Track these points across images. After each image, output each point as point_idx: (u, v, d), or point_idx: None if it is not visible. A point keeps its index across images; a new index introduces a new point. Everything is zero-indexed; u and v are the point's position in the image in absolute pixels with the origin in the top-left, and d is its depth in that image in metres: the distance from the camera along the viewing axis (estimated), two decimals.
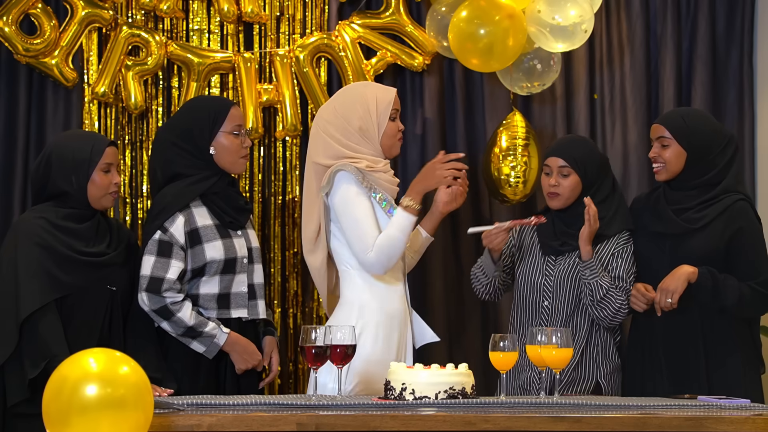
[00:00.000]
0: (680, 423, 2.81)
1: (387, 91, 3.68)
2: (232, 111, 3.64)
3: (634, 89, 4.90)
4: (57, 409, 2.38)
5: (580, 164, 3.74)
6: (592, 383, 3.68)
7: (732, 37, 4.97)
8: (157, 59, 4.47)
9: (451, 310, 4.69)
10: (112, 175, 3.49)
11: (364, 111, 3.60)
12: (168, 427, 2.62)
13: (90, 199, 3.46)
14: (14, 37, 4.37)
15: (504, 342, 3.05)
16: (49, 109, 4.48)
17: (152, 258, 3.46)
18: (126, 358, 2.47)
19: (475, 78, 4.77)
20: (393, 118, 3.63)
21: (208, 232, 3.52)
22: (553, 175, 3.76)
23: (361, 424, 2.70)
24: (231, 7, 4.51)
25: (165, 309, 3.43)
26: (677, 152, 3.72)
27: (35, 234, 3.36)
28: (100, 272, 3.43)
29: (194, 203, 3.54)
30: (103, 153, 3.47)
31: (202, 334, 3.46)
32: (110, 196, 3.49)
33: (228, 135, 3.60)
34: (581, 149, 3.79)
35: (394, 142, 3.65)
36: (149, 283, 3.43)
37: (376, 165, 3.58)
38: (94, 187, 3.46)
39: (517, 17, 4.36)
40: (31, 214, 3.46)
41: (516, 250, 3.88)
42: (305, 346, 2.92)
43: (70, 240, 3.39)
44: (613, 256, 3.70)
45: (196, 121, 3.61)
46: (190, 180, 3.56)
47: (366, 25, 4.64)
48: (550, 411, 2.86)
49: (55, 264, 3.34)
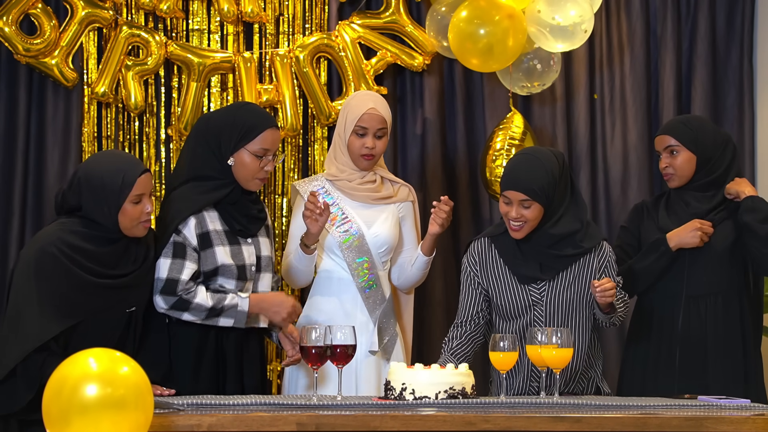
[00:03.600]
0: (680, 423, 2.81)
1: (361, 105, 3.80)
2: (267, 132, 3.52)
3: (634, 89, 4.90)
4: (57, 409, 2.38)
5: (541, 194, 3.45)
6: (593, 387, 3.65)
7: (732, 37, 4.97)
8: (157, 59, 4.47)
9: (451, 310, 4.69)
10: (143, 204, 3.29)
11: (342, 117, 3.85)
12: (168, 427, 2.62)
13: (122, 228, 3.29)
14: (14, 37, 4.37)
15: (504, 342, 3.05)
16: (49, 109, 4.48)
17: (168, 260, 3.42)
18: (126, 358, 2.47)
19: (475, 78, 4.77)
20: (361, 135, 3.78)
21: (218, 237, 3.50)
22: (514, 206, 3.47)
23: (361, 424, 2.70)
24: (231, 7, 4.51)
25: (180, 301, 3.40)
26: (687, 158, 3.76)
27: (55, 257, 3.18)
28: (119, 295, 3.31)
29: (207, 208, 3.52)
30: (134, 184, 3.26)
31: (224, 309, 3.43)
32: (142, 226, 3.31)
33: (251, 154, 3.51)
34: (540, 176, 3.46)
35: (357, 157, 3.81)
36: (165, 285, 3.40)
37: (340, 174, 3.82)
38: (125, 218, 3.27)
39: (517, 17, 4.36)
40: (55, 232, 3.25)
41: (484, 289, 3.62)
42: (305, 346, 2.92)
43: (91, 264, 3.23)
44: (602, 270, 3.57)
45: (229, 127, 3.52)
46: (206, 187, 3.50)
47: (366, 25, 4.64)
48: (550, 411, 2.86)
49: (73, 289, 3.20)
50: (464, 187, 4.76)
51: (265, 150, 3.51)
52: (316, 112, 4.58)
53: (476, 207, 4.78)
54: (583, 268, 3.55)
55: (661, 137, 3.83)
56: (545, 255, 3.52)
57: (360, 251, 3.77)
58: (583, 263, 3.55)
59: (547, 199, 3.47)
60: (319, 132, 4.62)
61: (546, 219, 3.50)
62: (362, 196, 3.83)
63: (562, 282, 3.53)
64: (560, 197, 3.51)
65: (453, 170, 4.77)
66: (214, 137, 3.52)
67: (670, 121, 3.99)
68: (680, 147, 3.76)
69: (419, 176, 4.71)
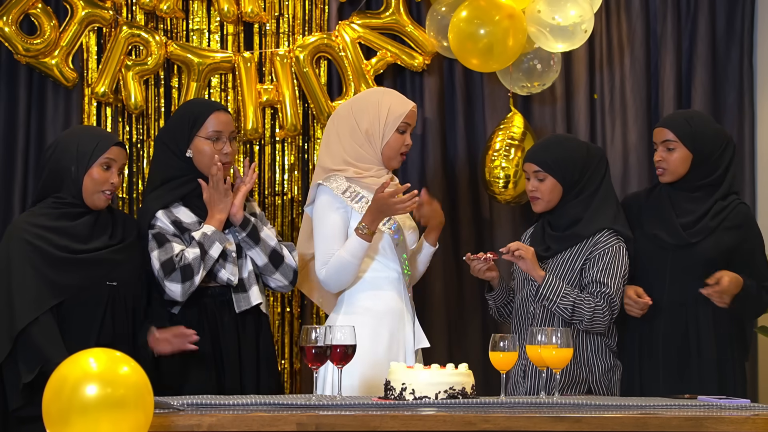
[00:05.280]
0: (680, 423, 2.81)
1: (403, 103, 3.71)
2: (213, 116, 3.59)
3: (634, 89, 4.90)
4: (57, 409, 2.37)
5: (555, 167, 3.68)
6: (584, 388, 3.64)
7: (732, 37, 4.97)
8: (157, 59, 4.47)
9: (451, 310, 4.70)
10: (111, 173, 3.42)
11: (374, 115, 3.66)
12: (168, 427, 2.62)
13: (84, 192, 3.39)
14: (14, 37, 4.37)
15: (504, 342, 3.05)
16: (49, 109, 4.48)
17: (155, 251, 3.48)
18: (126, 358, 2.46)
19: (475, 78, 4.77)
20: (402, 131, 3.68)
21: (192, 226, 3.54)
22: (531, 179, 3.73)
23: (361, 424, 2.70)
24: (231, 7, 4.51)
25: (182, 270, 3.44)
26: (683, 155, 3.71)
27: (26, 240, 3.31)
28: (97, 269, 3.38)
29: (174, 205, 3.56)
30: (107, 149, 3.41)
31: (203, 243, 3.47)
32: (102, 195, 3.41)
33: (204, 140, 3.57)
34: (556, 151, 3.71)
35: (396, 155, 3.70)
36: (164, 269, 3.45)
37: (367, 172, 3.64)
38: (89, 181, 3.39)
39: (517, 17, 4.36)
40: (23, 218, 3.42)
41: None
42: (305, 346, 2.92)
43: (64, 240, 3.34)
44: (589, 261, 3.62)
45: (179, 123, 3.63)
46: (171, 185, 3.58)
47: (366, 25, 4.64)
48: (550, 411, 2.86)
49: (49, 268, 3.30)
50: (464, 187, 4.76)
51: (217, 132, 3.59)
52: (316, 112, 4.58)
53: (476, 207, 4.78)
54: (574, 253, 3.65)
55: (660, 129, 3.77)
56: (549, 235, 3.72)
57: (403, 248, 3.70)
58: (579, 249, 3.65)
59: (564, 178, 3.66)
60: (319, 132, 4.62)
61: (564, 201, 3.69)
62: None
63: (556, 263, 3.67)
64: (581, 183, 3.68)
65: (453, 170, 4.77)
66: (169, 137, 3.63)
67: (673, 115, 3.96)
68: (678, 144, 3.71)
69: (419, 176, 4.71)
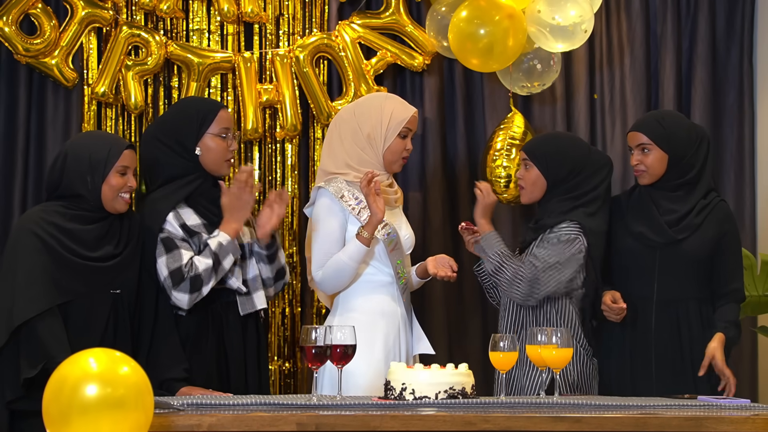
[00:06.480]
0: (680, 423, 2.81)
1: (405, 108, 3.77)
2: (221, 113, 3.62)
3: (634, 89, 4.90)
4: (57, 409, 2.37)
5: (541, 159, 3.76)
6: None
7: (732, 37, 4.97)
8: (157, 59, 4.47)
9: (451, 310, 4.70)
10: (128, 177, 3.42)
11: (376, 120, 3.72)
12: (168, 427, 2.62)
13: (103, 200, 3.39)
14: (14, 37, 4.37)
15: (504, 342, 3.05)
16: (49, 109, 4.48)
17: (164, 257, 3.45)
18: (126, 358, 2.46)
19: (475, 78, 4.77)
20: (404, 136, 3.74)
21: (199, 228, 3.52)
22: (520, 167, 3.86)
23: (361, 424, 2.70)
24: (231, 7, 4.51)
25: (192, 281, 3.43)
26: (659, 157, 3.74)
27: (37, 235, 3.30)
28: (103, 277, 3.37)
29: (180, 206, 3.55)
30: (120, 155, 3.39)
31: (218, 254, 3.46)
32: (122, 199, 3.40)
33: (214, 137, 3.58)
34: (547, 145, 3.83)
35: (397, 159, 3.75)
36: (172, 278, 3.43)
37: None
38: (108, 189, 3.37)
39: (517, 17, 4.36)
40: (38, 212, 3.39)
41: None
42: (305, 346, 2.92)
43: (73, 244, 3.33)
44: (538, 241, 3.70)
45: (184, 121, 3.61)
46: (175, 185, 3.56)
47: (366, 25, 4.64)
48: (550, 411, 2.86)
49: (57, 268, 3.29)
50: (464, 187, 4.76)
51: (226, 129, 3.62)
52: (316, 112, 4.58)
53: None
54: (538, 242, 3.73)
55: (633, 134, 3.80)
56: (526, 228, 3.92)
57: (399, 253, 3.73)
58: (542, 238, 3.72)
59: (548, 171, 3.74)
60: (319, 132, 4.62)
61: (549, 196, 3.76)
62: (388, 199, 3.73)
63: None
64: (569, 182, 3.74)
65: (453, 170, 4.77)
66: (170, 135, 3.60)
67: (644, 118, 3.95)
68: (652, 145, 3.73)
69: (419, 176, 4.71)
